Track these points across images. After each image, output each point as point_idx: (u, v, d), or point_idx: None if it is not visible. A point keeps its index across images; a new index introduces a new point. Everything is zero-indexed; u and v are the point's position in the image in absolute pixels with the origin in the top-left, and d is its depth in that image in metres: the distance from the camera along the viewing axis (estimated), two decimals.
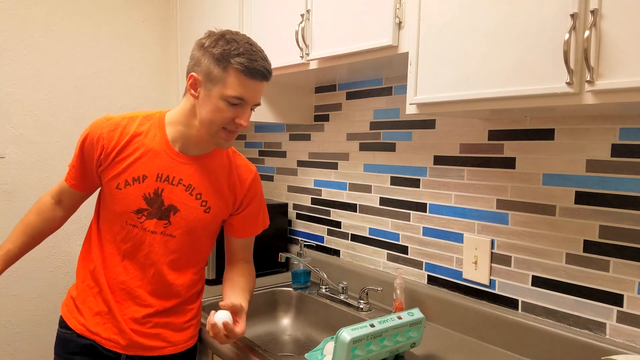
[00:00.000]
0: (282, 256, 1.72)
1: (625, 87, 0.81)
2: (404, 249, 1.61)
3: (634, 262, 1.09)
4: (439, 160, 1.50)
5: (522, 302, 1.30)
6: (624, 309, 1.11)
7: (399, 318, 1.15)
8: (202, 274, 1.31)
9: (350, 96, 1.80)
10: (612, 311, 1.13)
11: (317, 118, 1.95)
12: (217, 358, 1.33)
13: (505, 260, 1.33)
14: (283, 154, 2.14)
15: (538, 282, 1.26)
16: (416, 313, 1.19)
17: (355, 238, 1.79)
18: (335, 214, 1.88)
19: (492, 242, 1.36)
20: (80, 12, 2.05)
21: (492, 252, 1.36)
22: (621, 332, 1.12)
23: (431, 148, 1.52)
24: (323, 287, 1.72)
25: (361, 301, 1.57)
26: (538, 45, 0.91)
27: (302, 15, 1.45)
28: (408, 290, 1.54)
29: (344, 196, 1.83)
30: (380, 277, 1.65)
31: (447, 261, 1.48)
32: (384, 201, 1.68)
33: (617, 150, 1.12)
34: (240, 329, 1.09)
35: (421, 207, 1.55)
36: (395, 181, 1.64)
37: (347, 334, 1.05)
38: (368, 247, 1.74)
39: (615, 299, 1.13)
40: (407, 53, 1.18)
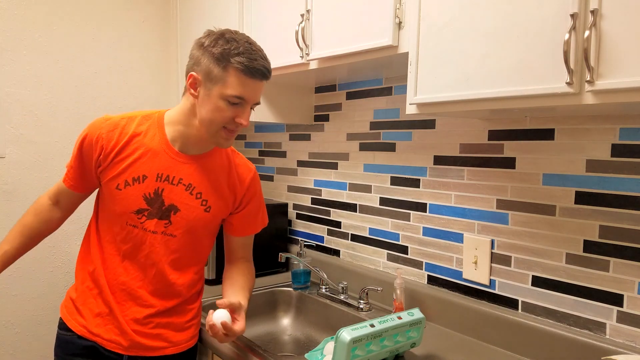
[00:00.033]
0: (282, 256, 1.72)
1: (625, 87, 0.81)
2: (404, 249, 1.61)
3: (634, 262, 1.09)
4: (439, 160, 1.50)
5: (522, 302, 1.30)
6: (624, 309, 1.11)
7: (399, 318, 1.15)
8: (202, 274, 1.31)
9: (350, 96, 1.80)
10: (612, 311, 1.13)
11: (317, 118, 1.95)
12: (217, 358, 1.33)
13: (505, 260, 1.33)
14: (283, 154, 2.14)
15: (538, 282, 1.26)
16: (416, 313, 1.19)
17: (355, 238, 1.79)
18: (335, 214, 1.88)
19: (492, 242, 1.36)
20: (80, 12, 2.05)
21: (492, 252, 1.36)
22: (621, 332, 1.12)
23: (431, 148, 1.52)
24: (323, 287, 1.72)
25: (361, 301, 1.57)
26: (538, 45, 0.91)
27: (302, 15, 1.45)
28: (408, 290, 1.54)
29: (344, 196, 1.83)
30: (380, 277, 1.65)
31: (447, 261, 1.48)
32: (384, 201, 1.68)
33: (617, 150, 1.12)
34: (239, 327, 1.09)
35: (421, 207, 1.55)
36: (395, 181, 1.64)
37: (347, 334, 1.05)
38: (368, 247, 1.74)
39: (615, 299, 1.13)
40: (407, 53, 1.18)
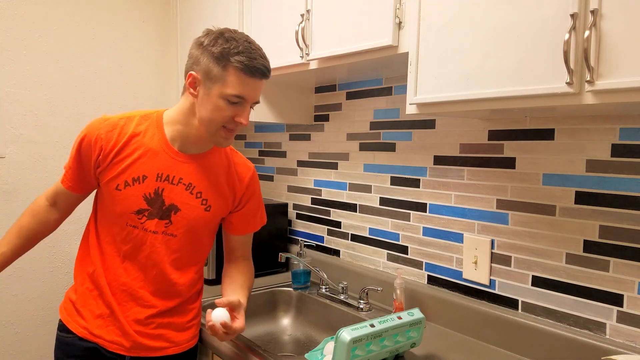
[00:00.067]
0: (282, 256, 1.72)
1: (625, 87, 0.81)
2: (404, 249, 1.61)
3: (634, 262, 1.09)
4: (439, 160, 1.50)
5: (522, 302, 1.30)
6: (624, 309, 1.11)
7: (399, 318, 1.15)
8: (202, 273, 1.31)
9: (350, 96, 1.80)
10: (612, 311, 1.13)
11: (317, 118, 1.95)
12: (217, 358, 1.33)
13: (505, 260, 1.33)
14: (283, 154, 2.14)
15: (538, 282, 1.26)
16: (416, 313, 1.19)
17: (355, 238, 1.79)
18: (335, 214, 1.88)
19: (492, 242, 1.36)
20: (80, 12, 2.05)
21: (492, 252, 1.36)
22: (621, 332, 1.12)
23: (431, 148, 1.52)
24: (323, 287, 1.72)
25: (361, 301, 1.57)
26: (538, 45, 0.91)
27: (302, 15, 1.45)
28: (408, 290, 1.54)
29: (344, 196, 1.83)
30: (380, 277, 1.65)
31: (447, 261, 1.48)
32: (384, 201, 1.68)
33: (617, 150, 1.12)
34: (238, 325, 1.10)
35: (421, 207, 1.55)
36: (395, 181, 1.64)
37: (347, 334, 1.05)
38: (368, 247, 1.74)
39: (615, 299, 1.13)
40: (407, 53, 1.18)
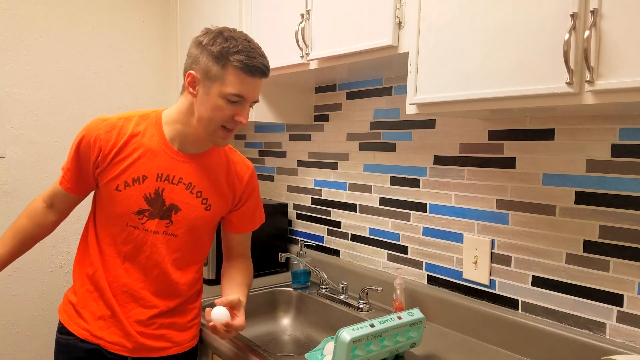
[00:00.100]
0: (282, 256, 1.72)
1: (625, 87, 0.81)
2: (404, 249, 1.61)
3: (634, 262, 1.09)
4: (439, 160, 1.50)
5: (522, 302, 1.30)
6: (624, 309, 1.11)
7: (399, 318, 1.15)
8: (202, 273, 1.31)
9: (350, 96, 1.80)
10: (612, 311, 1.13)
11: (317, 118, 1.95)
12: (217, 358, 1.33)
13: (505, 260, 1.33)
14: (283, 154, 2.14)
15: (538, 282, 1.26)
16: (416, 313, 1.19)
17: (355, 238, 1.79)
18: (335, 214, 1.88)
19: (492, 242, 1.36)
20: (80, 12, 2.05)
21: (492, 252, 1.36)
22: (621, 332, 1.12)
23: (431, 148, 1.52)
24: (323, 287, 1.72)
25: (361, 301, 1.57)
26: (538, 45, 0.91)
27: (302, 15, 1.45)
28: (408, 290, 1.54)
29: (344, 196, 1.83)
30: (380, 277, 1.65)
31: (447, 261, 1.48)
32: (384, 201, 1.68)
33: (617, 150, 1.12)
34: (239, 323, 1.10)
35: (421, 207, 1.55)
36: (395, 181, 1.64)
37: (347, 334, 1.05)
38: (368, 247, 1.74)
39: (615, 299, 1.13)
40: (407, 53, 1.18)
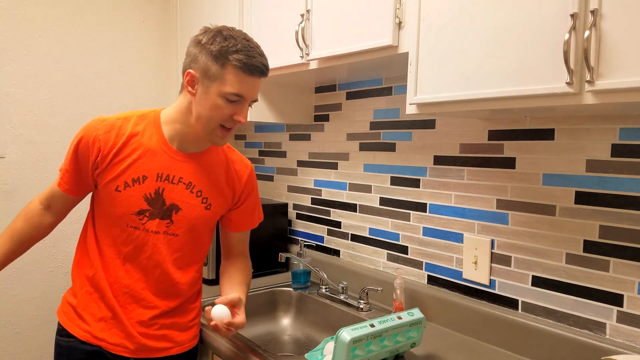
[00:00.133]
0: (282, 256, 1.72)
1: (625, 87, 0.81)
2: (404, 249, 1.61)
3: (634, 262, 1.09)
4: (439, 160, 1.50)
5: (522, 302, 1.30)
6: (624, 309, 1.11)
7: (399, 318, 1.15)
8: (202, 272, 1.31)
9: (350, 96, 1.80)
10: (612, 311, 1.13)
11: (317, 118, 1.95)
12: (217, 358, 1.33)
13: (505, 260, 1.33)
14: (283, 154, 2.14)
15: (538, 282, 1.26)
16: (416, 313, 1.19)
17: (355, 238, 1.79)
18: (335, 214, 1.88)
19: (492, 242, 1.36)
20: (80, 12, 2.05)
21: (492, 252, 1.36)
22: (621, 332, 1.12)
23: (431, 148, 1.52)
24: (323, 287, 1.72)
25: (361, 301, 1.57)
26: (538, 45, 0.91)
27: (302, 15, 1.45)
28: (408, 290, 1.54)
29: (344, 196, 1.83)
30: (380, 277, 1.65)
31: (447, 261, 1.48)
32: (384, 201, 1.68)
33: (617, 150, 1.12)
34: (240, 320, 1.10)
35: (421, 207, 1.55)
36: (395, 181, 1.64)
37: (347, 334, 1.05)
38: (368, 247, 1.74)
39: (615, 299, 1.13)
40: (407, 53, 1.18)
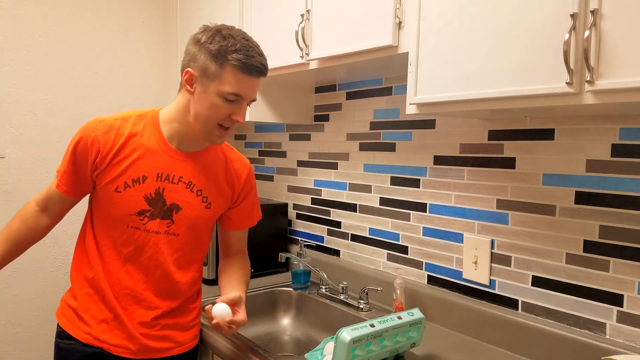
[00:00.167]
0: (282, 256, 1.72)
1: (625, 87, 0.81)
2: (404, 249, 1.61)
3: (634, 262, 1.09)
4: (439, 160, 1.50)
5: (522, 302, 1.30)
6: (624, 309, 1.11)
7: (399, 318, 1.15)
8: (201, 272, 1.31)
9: (350, 96, 1.80)
10: (612, 311, 1.13)
11: (317, 118, 1.95)
12: (217, 358, 1.33)
13: (505, 260, 1.33)
14: (283, 154, 2.14)
15: (538, 282, 1.26)
16: (416, 313, 1.19)
17: (355, 238, 1.79)
18: (335, 214, 1.88)
19: (492, 242, 1.36)
20: (80, 12, 2.05)
21: (492, 252, 1.36)
22: (621, 332, 1.12)
23: (431, 148, 1.52)
24: (323, 287, 1.72)
25: (361, 301, 1.57)
26: (538, 45, 0.91)
27: (302, 15, 1.45)
28: (408, 290, 1.54)
29: (344, 196, 1.83)
30: (380, 277, 1.65)
31: (447, 261, 1.48)
32: (384, 201, 1.68)
33: (617, 150, 1.12)
34: (241, 318, 1.11)
35: (421, 207, 1.55)
36: (395, 181, 1.64)
37: (347, 334, 1.05)
38: (368, 247, 1.74)
39: (615, 299, 1.13)
40: (407, 53, 1.18)
